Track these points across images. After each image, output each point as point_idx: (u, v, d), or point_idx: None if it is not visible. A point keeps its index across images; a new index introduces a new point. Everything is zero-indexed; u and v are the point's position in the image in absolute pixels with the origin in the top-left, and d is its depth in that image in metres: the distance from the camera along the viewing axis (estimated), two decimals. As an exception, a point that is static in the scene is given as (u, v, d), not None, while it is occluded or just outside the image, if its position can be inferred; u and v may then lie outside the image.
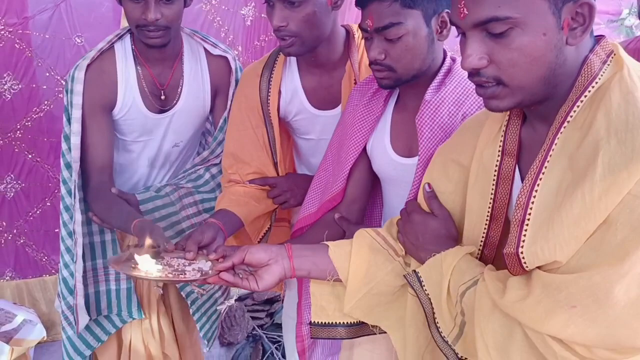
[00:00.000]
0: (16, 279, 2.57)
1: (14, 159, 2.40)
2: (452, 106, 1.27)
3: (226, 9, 2.55)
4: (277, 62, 1.58)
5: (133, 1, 1.48)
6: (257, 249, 1.11)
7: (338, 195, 1.43)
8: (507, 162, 0.97)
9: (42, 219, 2.53)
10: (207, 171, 1.78)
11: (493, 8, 0.81)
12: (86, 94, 1.57)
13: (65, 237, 1.68)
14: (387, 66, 1.25)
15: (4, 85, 2.25)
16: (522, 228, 0.85)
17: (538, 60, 0.83)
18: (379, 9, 1.20)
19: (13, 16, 2.18)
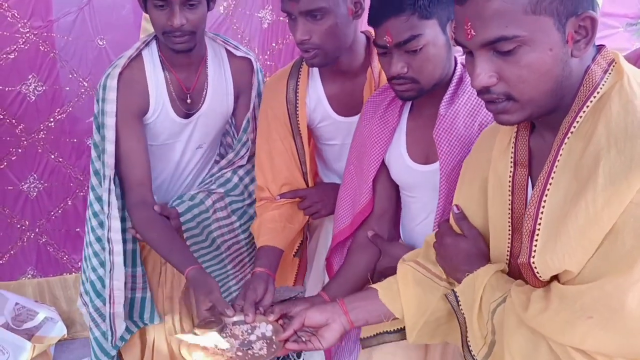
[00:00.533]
0: (37, 277, 2.62)
1: (37, 159, 2.45)
2: (467, 117, 1.28)
3: (243, 12, 2.58)
4: (301, 72, 1.59)
5: (158, 8, 1.51)
6: (313, 313, 1.18)
7: (367, 207, 1.45)
8: (519, 172, 0.99)
9: (64, 218, 2.58)
10: (234, 174, 1.80)
11: (501, 28, 0.83)
12: (120, 101, 1.58)
13: (93, 242, 1.71)
14: (410, 79, 1.25)
15: (29, 86, 2.30)
16: (533, 238, 0.87)
17: (546, 75, 0.85)
18: (397, 24, 1.21)
19: (38, 19, 2.22)
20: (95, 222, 1.69)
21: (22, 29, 2.21)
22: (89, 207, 1.72)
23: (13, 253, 2.55)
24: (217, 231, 1.76)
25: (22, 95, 2.31)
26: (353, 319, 1.17)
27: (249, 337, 1.23)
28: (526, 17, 0.82)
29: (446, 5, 1.23)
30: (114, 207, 1.60)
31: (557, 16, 0.82)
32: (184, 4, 1.50)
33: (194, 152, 1.78)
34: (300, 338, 1.18)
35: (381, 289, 1.19)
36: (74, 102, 2.40)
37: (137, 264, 1.72)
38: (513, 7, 0.82)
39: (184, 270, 1.45)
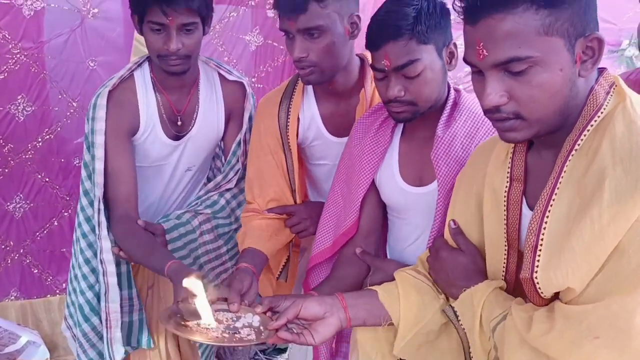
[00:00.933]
0: (21, 299, 2.57)
1: (23, 179, 2.43)
2: (464, 139, 1.31)
3: (230, 34, 2.61)
4: (296, 90, 1.62)
5: (155, 32, 1.52)
6: (311, 303, 1.11)
7: (352, 228, 1.45)
8: (515, 187, 1.01)
9: (49, 238, 2.55)
10: (221, 197, 1.80)
11: (514, 49, 0.85)
12: (109, 119, 1.59)
13: (82, 264, 1.69)
14: (407, 102, 1.28)
15: (18, 106, 2.30)
16: (536, 254, 0.87)
17: (556, 95, 0.87)
18: (395, 49, 1.23)
19: (29, 40, 2.22)
20: (85, 244, 1.68)
21: (13, 50, 2.21)
22: (77, 228, 1.70)
23: (-3, 274, 2.51)
24: (204, 256, 1.75)
25: (11, 116, 2.30)
26: (352, 316, 1.12)
27: (234, 324, 1.16)
28: (539, 38, 0.84)
29: (443, 30, 1.26)
30: (104, 227, 1.59)
31: (568, 37, 0.85)
32: (180, 29, 1.51)
33: (182, 175, 1.78)
34: (291, 330, 1.10)
35: (381, 291, 1.16)
36: (63, 123, 2.40)
37: (132, 285, 1.71)
38: (526, 28, 0.84)
39: (164, 265, 1.40)
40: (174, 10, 1.48)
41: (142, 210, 1.74)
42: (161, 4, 1.47)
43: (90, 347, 1.69)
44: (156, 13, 1.49)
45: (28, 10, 2.19)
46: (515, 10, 0.84)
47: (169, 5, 1.47)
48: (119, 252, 1.63)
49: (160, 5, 1.47)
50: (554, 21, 0.84)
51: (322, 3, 1.39)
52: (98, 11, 2.29)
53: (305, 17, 1.39)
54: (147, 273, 1.75)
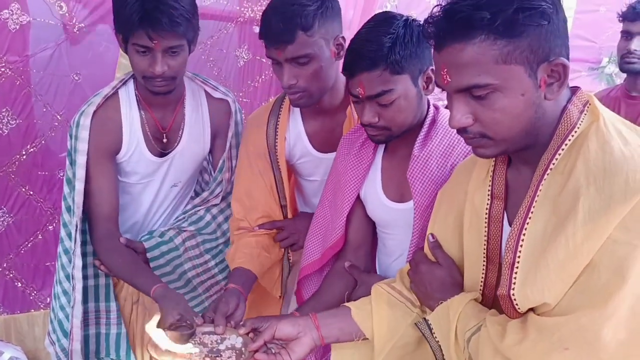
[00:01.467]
0: (4, 314, 2.55)
1: (7, 193, 2.41)
2: (440, 158, 1.32)
3: (219, 50, 2.63)
4: (282, 108, 1.63)
5: (140, 54, 1.50)
6: (284, 324, 1.19)
7: (339, 242, 1.48)
8: (496, 204, 1.03)
9: (33, 252, 2.53)
10: (207, 212, 1.80)
11: (473, 76, 0.88)
12: (92, 140, 1.58)
13: (62, 280, 1.69)
14: (381, 127, 1.30)
15: (2, 120, 2.30)
16: (513, 271, 0.89)
17: (519, 117, 0.90)
18: (369, 78, 1.25)
19: (14, 54, 2.22)
20: (66, 260, 1.68)
21: (-2, 64, 2.22)
22: (60, 243, 1.70)
23: (-21, 289, 2.49)
24: (191, 271, 1.75)
25: (-5, 129, 2.31)
26: (324, 335, 1.19)
27: (217, 347, 1.22)
28: (497, 67, 0.87)
29: (419, 58, 1.27)
30: (78, 245, 1.59)
31: (528, 64, 0.87)
32: (166, 51, 1.50)
33: (168, 191, 1.78)
34: (270, 350, 1.18)
35: (354, 308, 1.21)
36: (47, 136, 2.39)
37: (110, 299, 1.71)
38: (484, 58, 0.87)
39: (150, 289, 1.44)
40: (159, 35, 1.47)
41: (128, 226, 1.75)
42: (147, 28, 1.45)
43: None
44: (142, 36, 1.47)
45: (14, 24, 2.20)
46: (474, 40, 0.87)
47: (154, 30, 1.45)
48: (100, 266, 1.64)
49: (145, 29, 1.45)
50: (512, 50, 0.86)
51: (309, 32, 1.40)
52: (84, 26, 2.30)
53: (293, 47, 1.40)
54: (132, 289, 1.75)
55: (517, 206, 0.97)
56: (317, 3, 1.41)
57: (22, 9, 2.20)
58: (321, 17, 1.42)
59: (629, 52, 2.39)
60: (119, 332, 1.73)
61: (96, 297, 1.67)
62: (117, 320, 1.72)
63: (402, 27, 1.25)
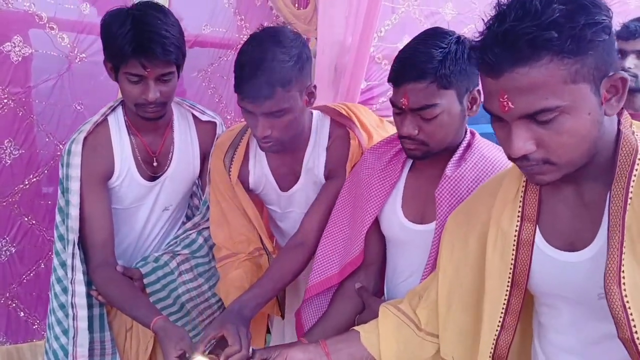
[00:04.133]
0: (7, 344, 2.54)
1: (10, 222, 2.42)
2: (471, 182, 1.29)
3: (220, 77, 2.67)
4: (241, 143, 1.63)
5: (132, 83, 1.53)
6: (295, 352, 1.21)
7: (359, 258, 1.45)
8: (527, 227, 0.98)
9: (35, 281, 2.53)
10: (199, 235, 1.80)
11: (541, 100, 0.83)
12: (84, 166, 1.59)
13: (56, 309, 1.68)
14: (420, 141, 1.27)
15: (5, 150, 2.32)
16: (627, 313, 0.83)
17: (585, 138, 0.86)
18: (415, 90, 1.23)
19: (17, 86, 2.26)
20: (59, 288, 1.67)
21: (1, 95, 2.24)
22: (53, 272, 1.70)
23: (-18, 319, 2.49)
24: (185, 295, 1.75)
25: (-2, 160, 2.33)
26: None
27: None
28: (566, 87, 0.82)
29: (467, 76, 1.25)
30: (79, 271, 1.59)
31: (594, 81, 0.84)
32: (158, 79, 1.53)
33: (160, 215, 1.78)
34: None
35: (363, 332, 1.20)
36: (50, 165, 2.42)
37: (104, 329, 1.70)
38: (553, 79, 0.82)
39: (150, 321, 1.43)
40: (152, 64, 1.49)
41: (120, 251, 1.75)
42: (140, 57, 1.47)
43: None
44: (135, 65, 1.49)
45: (16, 56, 2.23)
46: (540, 62, 0.82)
47: (147, 58, 1.48)
48: (98, 296, 1.64)
49: (139, 58, 1.48)
50: (579, 68, 0.82)
51: (287, 87, 1.39)
52: (85, 56, 2.34)
53: (270, 103, 1.38)
54: (125, 317, 1.74)
55: (553, 227, 0.94)
56: (294, 58, 1.39)
57: (25, 41, 2.24)
58: (298, 72, 1.41)
59: (624, 70, 2.41)
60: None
61: (90, 328, 1.66)
62: (111, 350, 1.71)
63: (455, 44, 1.23)
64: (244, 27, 2.65)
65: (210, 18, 2.57)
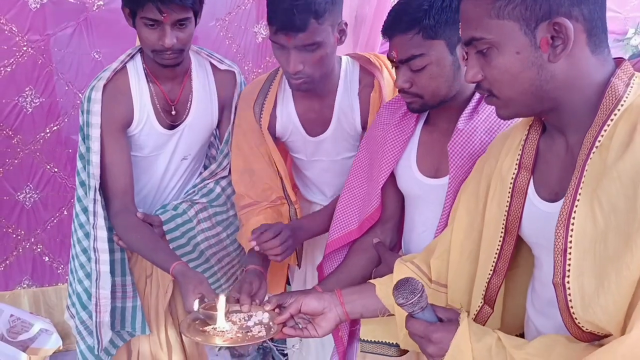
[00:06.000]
0: (33, 287, 2.64)
1: (33, 170, 2.48)
2: (484, 135, 1.29)
3: (238, 26, 2.63)
4: (272, 87, 1.63)
5: (149, 27, 1.52)
6: (310, 299, 1.21)
7: (376, 212, 1.47)
8: (522, 175, 1.00)
9: (59, 227, 2.61)
10: (217, 184, 1.82)
11: (471, 30, 0.91)
12: (104, 113, 1.60)
13: (79, 254, 1.73)
14: (413, 93, 1.28)
15: (26, 98, 2.35)
16: (566, 257, 0.85)
17: (517, 77, 0.89)
18: (403, 42, 1.24)
19: (36, 33, 2.27)
20: (82, 234, 1.71)
21: (20, 43, 2.25)
22: (74, 218, 1.74)
23: (9, 263, 2.58)
24: (204, 243, 1.78)
25: (19, 107, 2.35)
26: (349, 311, 1.20)
27: (246, 323, 1.26)
28: (490, 21, 0.88)
29: (457, 26, 1.20)
30: (100, 217, 1.62)
31: (524, 21, 0.85)
32: (174, 24, 1.52)
33: (179, 164, 1.79)
34: (297, 325, 1.23)
35: (378, 285, 1.22)
36: (70, 114, 2.44)
37: (126, 273, 1.74)
38: (480, 12, 0.89)
39: (169, 266, 1.46)
40: (169, 8, 1.48)
41: (139, 200, 1.77)
42: (156, 2, 1.47)
43: (88, 334, 1.73)
44: (151, 10, 1.48)
45: (34, 3, 2.23)
46: None
47: (164, 3, 1.47)
48: (119, 241, 1.67)
49: (155, 2, 1.47)
50: (504, 5, 0.86)
51: (321, 20, 1.39)
52: (103, 4, 2.32)
53: (304, 35, 1.39)
54: (145, 262, 1.78)
55: (544, 177, 0.96)
56: None
57: (42, -13, 2.23)
58: (331, 5, 1.41)
59: None
60: (134, 305, 1.77)
61: (112, 272, 1.69)
62: (132, 293, 1.76)
63: None
64: (263, -25, 2.60)
65: (228, -35, 2.53)
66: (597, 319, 0.82)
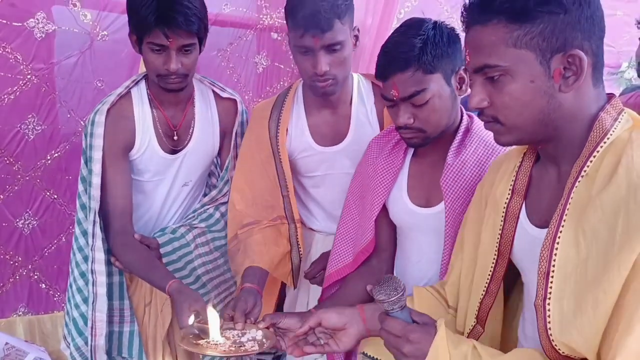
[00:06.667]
0: (29, 315, 2.62)
1: (32, 196, 2.48)
2: (474, 167, 1.32)
3: (239, 57, 2.68)
4: (286, 102, 1.68)
5: (155, 52, 1.57)
6: (331, 315, 1.20)
7: (370, 245, 1.49)
8: (515, 200, 1.04)
9: (57, 254, 2.59)
10: (216, 210, 1.84)
11: (485, 57, 0.92)
12: (107, 136, 1.64)
13: (77, 278, 1.74)
14: (416, 128, 1.31)
15: (28, 125, 2.37)
16: (548, 280, 0.88)
17: (528, 105, 0.91)
18: (402, 80, 1.27)
19: (40, 62, 2.30)
20: (80, 257, 1.72)
21: (25, 71, 2.28)
22: (74, 242, 1.75)
23: (5, 290, 2.56)
24: (201, 268, 1.79)
25: (21, 135, 2.37)
26: (370, 327, 1.19)
27: (239, 339, 1.26)
28: (507, 50, 0.90)
29: (451, 57, 1.29)
30: (98, 239, 1.64)
31: (540, 52, 0.88)
32: (180, 50, 1.57)
33: (179, 190, 1.81)
34: (318, 340, 1.22)
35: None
36: (71, 141, 2.46)
37: (124, 297, 1.75)
38: (496, 40, 0.91)
39: (166, 284, 1.48)
40: (175, 34, 1.53)
41: (141, 225, 1.79)
42: (163, 27, 1.52)
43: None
44: (158, 35, 1.54)
45: (40, 32, 2.27)
46: (489, 23, 0.92)
47: (170, 28, 1.52)
48: (115, 262, 1.68)
49: (162, 28, 1.52)
50: (522, 35, 0.89)
51: (343, 20, 1.49)
52: (107, 33, 2.37)
53: (330, 34, 1.47)
54: (144, 290, 1.79)
55: (536, 203, 0.99)
56: None
57: (48, 18, 2.28)
58: (349, 6, 1.51)
59: None
60: (131, 330, 1.76)
61: (110, 295, 1.71)
62: (130, 318, 1.76)
63: (432, 29, 1.28)
64: (264, 7, 2.65)
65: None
66: (572, 340, 0.84)
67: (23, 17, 2.23)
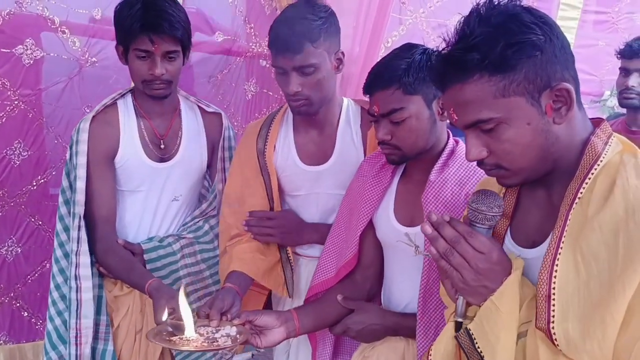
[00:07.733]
0: (9, 344, 2.56)
1: (16, 223, 2.45)
2: (455, 186, 1.37)
3: (229, 84, 2.70)
4: (275, 120, 1.72)
5: (140, 59, 1.64)
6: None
7: (352, 260, 1.52)
8: (501, 222, 1.05)
9: (40, 281, 2.55)
10: (206, 222, 1.87)
11: (476, 112, 0.92)
12: (91, 142, 1.69)
13: (52, 290, 1.75)
14: (393, 145, 1.38)
15: (14, 151, 2.35)
16: (550, 303, 0.87)
17: (529, 146, 0.92)
18: (384, 97, 1.35)
19: (27, 88, 2.30)
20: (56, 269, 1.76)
21: (12, 97, 2.28)
22: (54, 251, 1.78)
23: (-14, 318, 2.51)
24: (185, 278, 1.79)
25: (7, 160, 2.35)
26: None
27: (213, 335, 1.28)
28: (497, 101, 0.91)
29: (432, 84, 1.31)
30: (84, 243, 1.66)
31: (529, 94, 0.90)
32: (164, 56, 1.65)
33: (169, 204, 1.83)
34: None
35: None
36: (58, 167, 2.44)
37: (101, 312, 1.74)
38: (483, 95, 0.91)
39: (145, 283, 1.51)
40: (159, 38, 1.61)
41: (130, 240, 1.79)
42: (149, 32, 1.61)
43: None
44: (143, 41, 1.62)
45: (28, 59, 2.27)
46: (470, 80, 0.91)
47: (155, 33, 1.61)
48: (99, 268, 1.70)
49: (147, 34, 1.61)
50: (508, 84, 0.90)
51: (315, 44, 1.53)
52: (96, 60, 2.38)
53: (300, 57, 1.52)
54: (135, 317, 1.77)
55: (521, 223, 1.00)
56: (322, 19, 1.55)
57: (37, 44, 2.28)
58: (325, 32, 1.55)
59: (627, 89, 2.44)
60: (105, 348, 1.73)
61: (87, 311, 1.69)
62: (105, 335, 1.74)
63: (419, 54, 1.36)
64: (253, 35, 2.68)
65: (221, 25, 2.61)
66: None
67: (12, 43, 2.24)
